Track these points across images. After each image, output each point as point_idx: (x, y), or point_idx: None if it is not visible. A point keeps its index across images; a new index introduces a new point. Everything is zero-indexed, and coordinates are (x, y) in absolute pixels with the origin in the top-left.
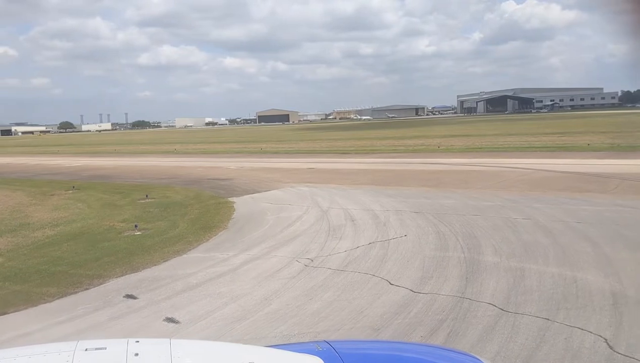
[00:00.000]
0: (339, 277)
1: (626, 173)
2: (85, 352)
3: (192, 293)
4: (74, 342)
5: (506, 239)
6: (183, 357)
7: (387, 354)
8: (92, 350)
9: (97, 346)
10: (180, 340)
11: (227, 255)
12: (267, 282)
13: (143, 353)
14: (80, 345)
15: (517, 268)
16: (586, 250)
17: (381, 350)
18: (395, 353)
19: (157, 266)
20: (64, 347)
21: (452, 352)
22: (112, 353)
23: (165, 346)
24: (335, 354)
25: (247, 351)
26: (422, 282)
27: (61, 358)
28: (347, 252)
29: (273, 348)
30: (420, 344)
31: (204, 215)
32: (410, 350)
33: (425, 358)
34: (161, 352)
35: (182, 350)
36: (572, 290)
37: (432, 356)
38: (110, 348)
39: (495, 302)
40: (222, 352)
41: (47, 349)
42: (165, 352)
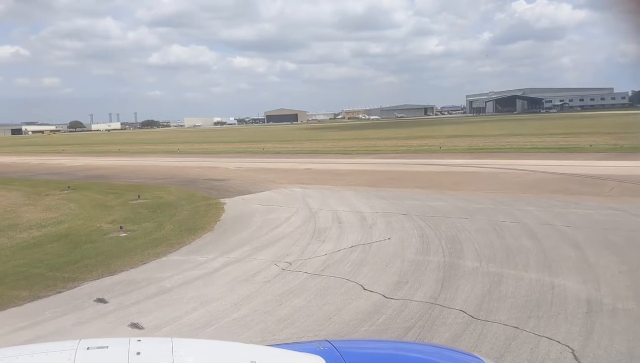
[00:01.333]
0: (314, 282)
1: (624, 175)
2: (87, 350)
3: (163, 297)
4: (76, 340)
5: (490, 243)
6: (185, 356)
7: (388, 353)
8: (94, 348)
9: (99, 345)
10: (182, 339)
11: (207, 258)
12: (240, 287)
13: (145, 352)
14: (82, 343)
15: (495, 274)
16: (569, 255)
17: (383, 350)
18: (397, 352)
19: (135, 269)
20: (66, 346)
21: (455, 351)
22: (114, 352)
23: (167, 345)
24: (337, 353)
25: (249, 350)
26: (396, 287)
27: (63, 357)
28: (328, 255)
29: (275, 348)
30: (423, 343)
31: (192, 217)
32: (412, 350)
33: (427, 358)
34: (163, 350)
35: (184, 349)
36: (547, 297)
37: (434, 356)
38: (112, 347)
39: (466, 308)
40: (224, 351)
41: (48, 348)
42: (167, 350)
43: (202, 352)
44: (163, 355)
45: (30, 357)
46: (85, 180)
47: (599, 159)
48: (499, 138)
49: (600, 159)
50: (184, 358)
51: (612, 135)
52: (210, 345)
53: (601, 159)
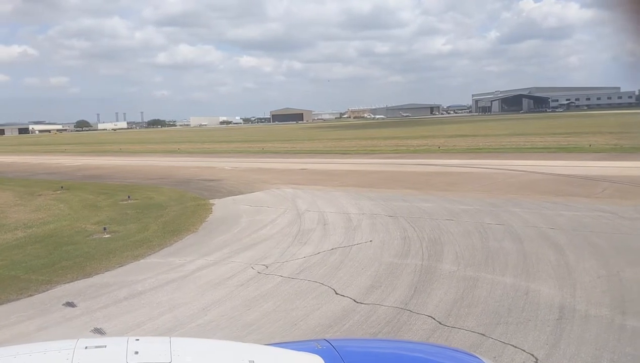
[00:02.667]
0: (287, 285)
1: (618, 176)
2: (85, 350)
3: (132, 301)
4: (74, 340)
5: (471, 246)
6: (183, 355)
7: (387, 352)
8: (92, 348)
9: (97, 344)
10: (181, 338)
11: (185, 261)
12: (212, 291)
13: (143, 351)
14: (80, 343)
15: (471, 278)
16: (549, 259)
17: (381, 349)
18: (395, 351)
19: (111, 271)
20: (64, 345)
21: (453, 350)
22: (112, 351)
23: (165, 344)
24: (335, 353)
25: (247, 349)
26: (369, 291)
27: (61, 356)
28: (306, 258)
29: (273, 347)
30: (421, 343)
31: (179, 218)
32: (410, 349)
33: (425, 357)
34: (161, 350)
35: (182, 348)
36: (520, 303)
37: (432, 355)
38: (110, 346)
39: (435, 314)
40: (223, 350)
41: (47, 347)
42: (165, 350)
43: (200, 352)
44: (161, 355)
45: (29, 356)
46: (81, 180)
47: (597, 160)
48: (500, 137)
49: (598, 160)
50: (182, 358)
51: (614, 135)
52: (208, 344)
53: (599, 159)
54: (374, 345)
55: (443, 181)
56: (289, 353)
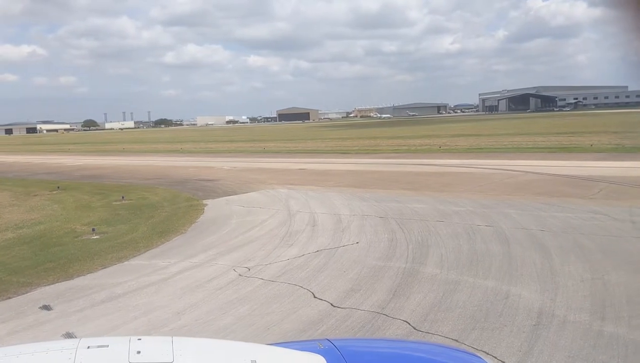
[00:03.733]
0: (266, 289)
1: (616, 176)
2: (87, 349)
3: (109, 305)
4: (77, 339)
5: (457, 248)
6: (185, 354)
7: (389, 352)
8: (95, 347)
9: (99, 344)
10: (183, 338)
11: (168, 263)
12: (190, 294)
13: (145, 351)
14: (83, 342)
15: (453, 281)
16: (534, 262)
17: (383, 349)
18: (397, 351)
19: (93, 274)
20: (66, 345)
21: (455, 350)
22: (114, 351)
23: (167, 344)
24: (337, 352)
25: (250, 349)
26: (347, 295)
27: (63, 355)
28: (289, 260)
29: (275, 346)
30: (423, 342)
31: (169, 219)
32: (412, 349)
33: (427, 357)
34: (163, 349)
35: (184, 348)
36: (498, 308)
37: (434, 355)
38: (113, 345)
39: (411, 319)
40: (225, 350)
41: (49, 347)
42: (168, 349)
43: (202, 351)
44: (163, 354)
45: (31, 355)
46: (79, 180)
47: (597, 160)
48: (504, 137)
49: (598, 160)
50: (184, 357)
51: (619, 135)
52: (210, 344)
53: (599, 159)
54: (376, 345)
55: (439, 181)
56: (291, 352)
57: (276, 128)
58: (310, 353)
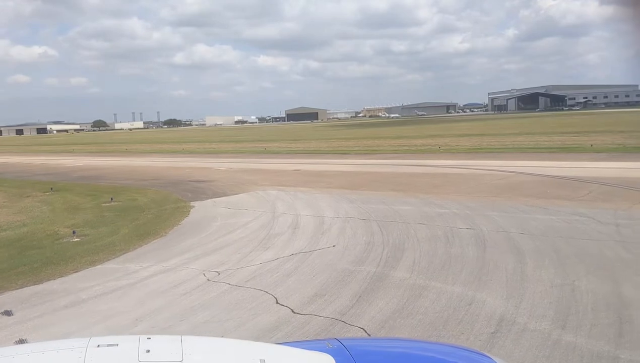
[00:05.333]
0: (232, 294)
1: (610, 177)
2: (97, 348)
3: (70, 310)
4: (87, 338)
5: (432, 252)
6: (194, 353)
7: (398, 352)
8: (105, 346)
9: (109, 342)
10: (192, 337)
11: (140, 267)
12: (155, 299)
13: (155, 350)
14: (93, 341)
15: (420, 286)
16: (507, 267)
17: (391, 348)
18: (406, 351)
19: (63, 278)
20: (76, 343)
21: (465, 350)
22: (124, 349)
23: (176, 343)
24: (346, 352)
25: (258, 348)
26: (311, 300)
27: (74, 354)
28: (262, 264)
29: (284, 346)
30: (432, 342)
31: (153, 221)
32: (421, 348)
33: (436, 356)
34: (173, 348)
35: (194, 347)
36: (460, 314)
37: (443, 354)
38: (122, 344)
39: (369, 326)
40: (234, 349)
41: (59, 345)
42: (177, 348)
43: (211, 350)
44: (172, 353)
45: (42, 354)
46: (74, 181)
47: (595, 160)
48: (507, 137)
49: (596, 160)
50: (193, 356)
51: (624, 134)
52: (219, 343)
53: (597, 160)
54: (385, 345)
55: (430, 183)
56: (299, 352)
57: (283, 128)
58: (319, 353)
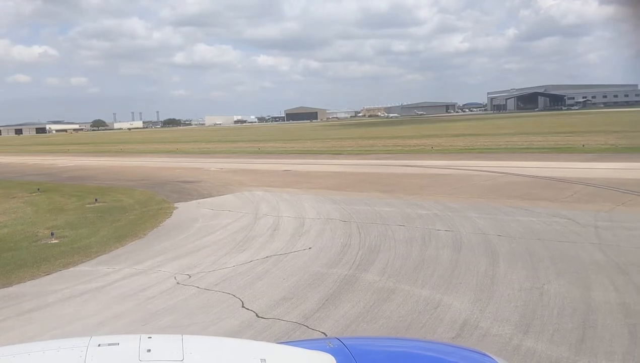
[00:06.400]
0: (198, 298)
1: (597, 178)
2: (98, 347)
3: (34, 314)
4: (87, 337)
5: (406, 254)
6: (195, 353)
7: (399, 351)
8: (105, 345)
9: (110, 342)
10: (193, 336)
11: (113, 269)
12: (120, 303)
13: (155, 349)
14: (94, 340)
15: (388, 290)
16: (479, 270)
17: (392, 347)
18: (407, 350)
19: (33, 281)
20: (77, 343)
21: (466, 350)
22: (124, 349)
23: (177, 342)
24: (346, 351)
25: (259, 347)
26: (277, 304)
27: (74, 353)
28: (234, 267)
29: (284, 345)
30: (433, 342)
31: (134, 222)
32: (422, 348)
33: (437, 356)
34: (173, 348)
35: (194, 346)
36: (424, 318)
37: (444, 354)
38: (123, 343)
39: (331, 330)
40: (234, 348)
41: (60, 345)
42: (178, 348)
43: (212, 350)
44: (173, 352)
45: (42, 353)
46: (63, 181)
47: (585, 161)
48: (502, 137)
49: (586, 161)
50: (194, 355)
51: (618, 134)
52: (220, 342)
53: (587, 160)
54: (386, 344)
55: (417, 184)
56: (300, 351)
57: (282, 128)
58: (320, 352)
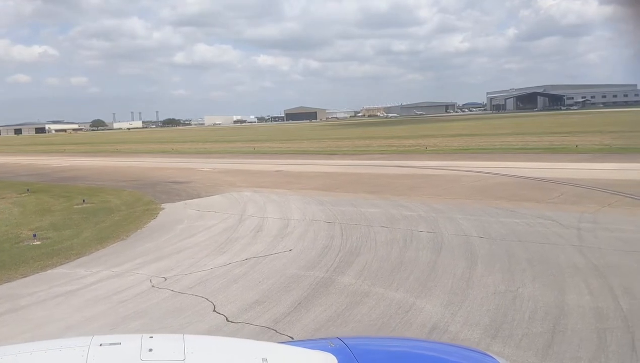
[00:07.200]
0: (171, 301)
1: (586, 179)
2: (100, 347)
3: (6, 317)
4: (89, 337)
5: (385, 256)
6: (196, 353)
7: (400, 351)
8: (107, 345)
9: (111, 341)
10: (194, 336)
11: (90, 272)
12: (92, 307)
13: (157, 349)
14: (95, 340)
15: (363, 293)
16: (455, 272)
17: (394, 347)
18: (408, 350)
19: (9, 283)
20: (79, 342)
21: (466, 349)
22: (126, 348)
23: (179, 342)
24: (348, 351)
25: (260, 347)
26: (249, 308)
27: (76, 353)
28: (212, 269)
29: (286, 345)
30: (434, 342)
31: (119, 224)
32: (423, 348)
33: (439, 356)
34: (175, 347)
35: (196, 346)
36: (394, 322)
37: (446, 354)
38: (125, 343)
39: (299, 334)
40: (236, 348)
41: (62, 344)
42: (179, 347)
43: (213, 349)
44: (175, 352)
45: (44, 353)
46: (54, 182)
47: (577, 161)
48: (498, 137)
49: (578, 161)
50: (195, 355)
51: (614, 134)
52: (221, 342)
53: (579, 161)
54: (387, 344)
55: (406, 184)
56: (302, 351)
57: (280, 128)
58: (321, 352)
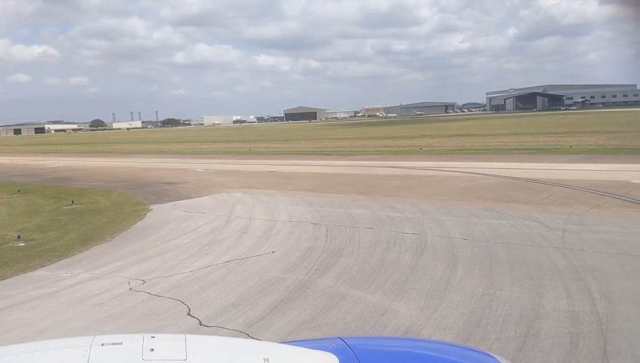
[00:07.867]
0: (147, 305)
1: (576, 180)
2: (101, 346)
3: None
4: (91, 337)
5: (367, 259)
6: (198, 353)
7: (401, 351)
8: (109, 345)
9: (113, 341)
10: (196, 336)
11: (70, 274)
12: (67, 310)
13: (158, 349)
14: (97, 340)
15: (340, 295)
16: (435, 275)
17: (395, 347)
18: (409, 350)
19: None
20: (80, 342)
21: (468, 349)
22: (128, 348)
23: (180, 342)
24: (349, 351)
25: (262, 347)
26: (224, 311)
27: (78, 352)
28: (192, 272)
29: (287, 345)
30: (436, 341)
31: (106, 225)
32: (425, 348)
33: (440, 356)
34: (176, 347)
35: (197, 346)
36: (368, 326)
37: (447, 353)
38: (126, 343)
39: (274, 337)
40: (237, 348)
41: (64, 344)
42: (181, 347)
43: (215, 349)
44: (176, 352)
45: (46, 353)
46: (45, 182)
47: (570, 162)
48: (495, 137)
49: (571, 162)
50: (197, 355)
51: (610, 135)
52: (223, 342)
53: (572, 161)
54: (389, 344)
55: (396, 186)
56: (303, 351)
57: (279, 128)
58: (323, 352)
